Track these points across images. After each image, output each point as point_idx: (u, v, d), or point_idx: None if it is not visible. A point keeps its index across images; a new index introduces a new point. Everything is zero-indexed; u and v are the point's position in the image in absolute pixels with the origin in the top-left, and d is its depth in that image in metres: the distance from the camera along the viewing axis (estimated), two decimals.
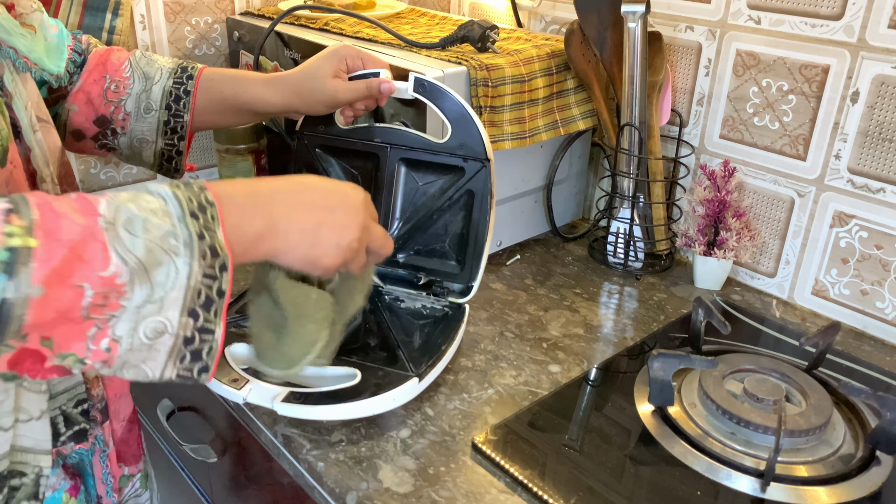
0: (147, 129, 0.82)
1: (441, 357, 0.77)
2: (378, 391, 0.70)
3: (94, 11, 1.07)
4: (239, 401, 0.70)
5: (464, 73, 0.92)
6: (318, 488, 0.70)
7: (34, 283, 0.45)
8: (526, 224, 1.12)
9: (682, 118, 1.06)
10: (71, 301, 0.47)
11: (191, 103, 0.82)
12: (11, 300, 0.45)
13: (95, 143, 0.82)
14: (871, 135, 0.88)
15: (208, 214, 0.54)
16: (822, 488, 0.66)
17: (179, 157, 0.85)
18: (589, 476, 0.68)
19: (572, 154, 1.13)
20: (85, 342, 0.49)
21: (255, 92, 0.82)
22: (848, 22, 0.87)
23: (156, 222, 0.51)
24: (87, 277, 0.47)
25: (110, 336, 0.50)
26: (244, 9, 1.30)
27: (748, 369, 0.78)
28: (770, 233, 1.01)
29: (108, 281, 0.48)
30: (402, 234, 0.88)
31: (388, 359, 0.77)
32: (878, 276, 0.91)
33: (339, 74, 0.81)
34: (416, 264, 0.88)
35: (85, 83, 0.79)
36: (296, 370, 0.64)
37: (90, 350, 0.50)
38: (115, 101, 0.80)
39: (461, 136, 0.82)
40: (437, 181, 0.86)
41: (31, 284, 0.45)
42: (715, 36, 1.00)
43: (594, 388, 0.82)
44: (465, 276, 0.85)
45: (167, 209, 0.52)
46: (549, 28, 1.21)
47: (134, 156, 0.84)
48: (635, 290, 1.02)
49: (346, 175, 0.91)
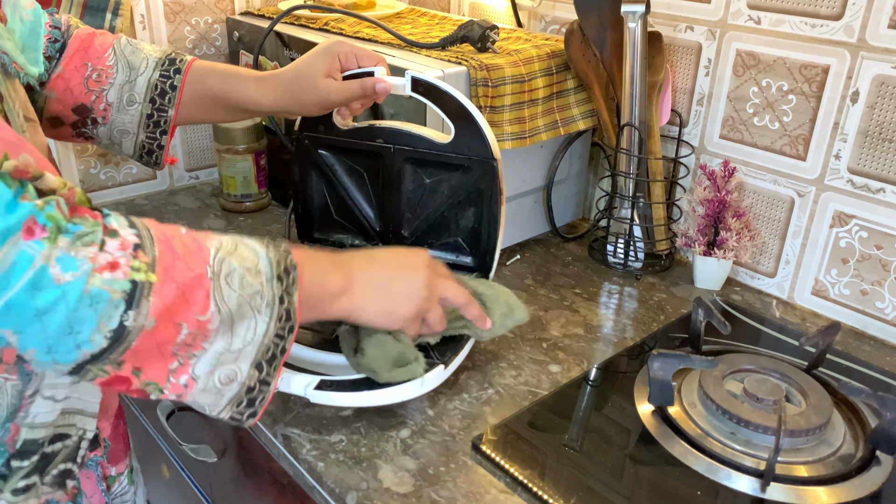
0: (129, 122, 0.80)
1: (464, 345, 0.79)
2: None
3: (94, 11, 1.07)
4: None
5: (464, 73, 0.92)
6: (318, 488, 0.70)
7: (150, 315, 0.50)
8: (526, 224, 1.12)
9: (682, 118, 1.06)
10: (169, 336, 0.52)
11: (176, 98, 0.80)
12: (129, 328, 0.49)
13: (73, 131, 0.79)
14: (871, 135, 0.88)
15: (290, 278, 0.58)
16: (822, 488, 0.66)
17: (161, 151, 0.83)
18: (589, 476, 0.68)
19: (572, 154, 1.13)
20: (167, 374, 0.54)
21: (246, 91, 0.80)
22: (848, 22, 0.87)
23: (249, 280, 0.55)
24: (188, 318, 0.52)
25: (189, 373, 0.54)
26: (244, 9, 1.30)
27: (748, 369, 0.78)
28: (770, 233, 1.01)
29: (203, 325, 0.53)
30: (414, 229, 0.88)
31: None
32: (878, 276, 0.91)
33: (333, 73, 0.79)
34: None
35: (65, 70, 0.76)
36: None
37: (170, 382, 0.54)
38: (97, 90, 0.78)
39: (465, 134, 0.82)
40: (444, 179, 0.86)
41: (147, 316, 0.50)
42: (715, 36, 1.00)
43: (594, 388, 0.82)
44: (480, 269, 0.87)
45: (259, 268, 0.57)
46: (549, 28, 1.21)
47: (113, 145, 0.82)
48: (635, 290, 1.02)
49: (352, 174, 0.91)
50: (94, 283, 0.47)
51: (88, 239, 0.48)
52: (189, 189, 1.33)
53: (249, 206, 1.23)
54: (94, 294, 0.47)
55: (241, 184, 1.21)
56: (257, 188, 1.22)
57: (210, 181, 1.36)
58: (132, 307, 0.49)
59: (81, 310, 0.47)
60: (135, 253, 0.50)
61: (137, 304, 0.49)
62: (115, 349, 0.49)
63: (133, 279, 0.49)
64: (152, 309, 0.50)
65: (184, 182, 1.34)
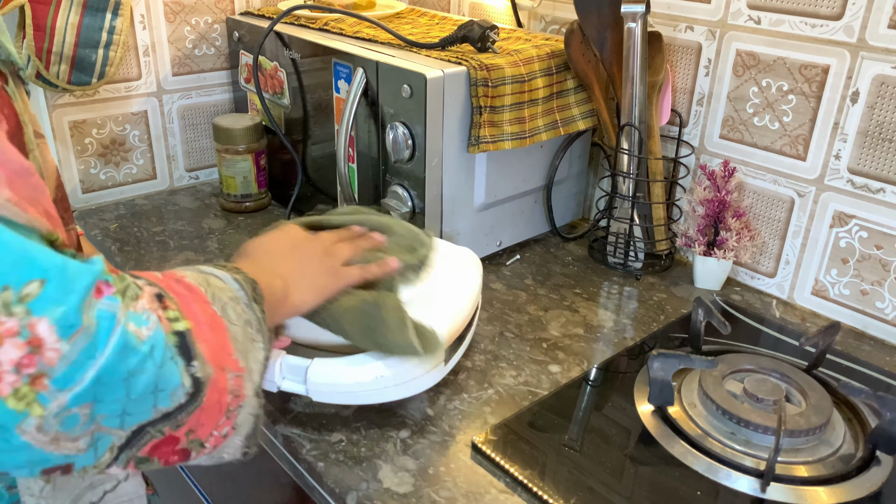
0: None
1: (462, 342, 0.79)
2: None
3: (93, 11, 1.06)
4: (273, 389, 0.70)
5: (464, 74, 0.92)
6: (318, 488, 0.70)
7: (207, 362, 0.46)
8: (526, 224, 1.12)
9: (682, 118, 1.06)
10: (223, 384, 0.47)
11: None
12: (202, 378, 0.45)
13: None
14: (871, 135, 0.88)
15: (259, 296, 0.55)
16: (822, 488, 0.66)
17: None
18: (589, 476, 0.68)
19: (572, 154, 1.13)
20: (212, 430, 0.49)
21: None
22: (848, 22, 0.87)
23: (238, 310, 0.51)
24: (226, 361, 0.48)
25: (232, 424, 0.50)
26: (244, 9, 1.30)
27: (748, 369, 0.78)
28: (770, 233, 1.01)
29: (235, 364, 0.49)
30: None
31: None
32: (877, 276, 0.91)
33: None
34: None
35: None
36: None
37: (212, 436, 0.49)
38: None
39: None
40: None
41: (206, 362, 0.46)
42: (715, 36, 1.00)
43: (594, 388, 0.82)
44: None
45: (237, 295, 0.53)
46: (549, 28, 1.21)
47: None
48: (635, 290, 1.02)
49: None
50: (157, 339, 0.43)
51: (132, 293, 0.44)
52: (189, 189, 1.33)
53: (249, 206, 1.23)
54: (170, 348, 0.44)
55: (241, 184, 1.21)
56: (257, 188, 1.22)
57: (210, 181, 1.36)
58: (193, 358, 0.45)
59: (166, 365, 0.43)
60: (163, 303, 0.45)
61: (194, 354, 0.45)
62: (191, 403, 0.45)
63: (176, 330, 0.45)
64: (206, 355, 0.46)
65: (184, 182, 1.34)
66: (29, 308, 0.38)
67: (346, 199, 1.04)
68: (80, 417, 0.41)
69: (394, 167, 0.98)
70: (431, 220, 0.97)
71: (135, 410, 0.43)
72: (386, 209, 0.99)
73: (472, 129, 0.94)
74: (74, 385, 0.39)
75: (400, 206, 0.97)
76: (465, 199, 1.00)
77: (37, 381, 0.38)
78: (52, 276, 0.39)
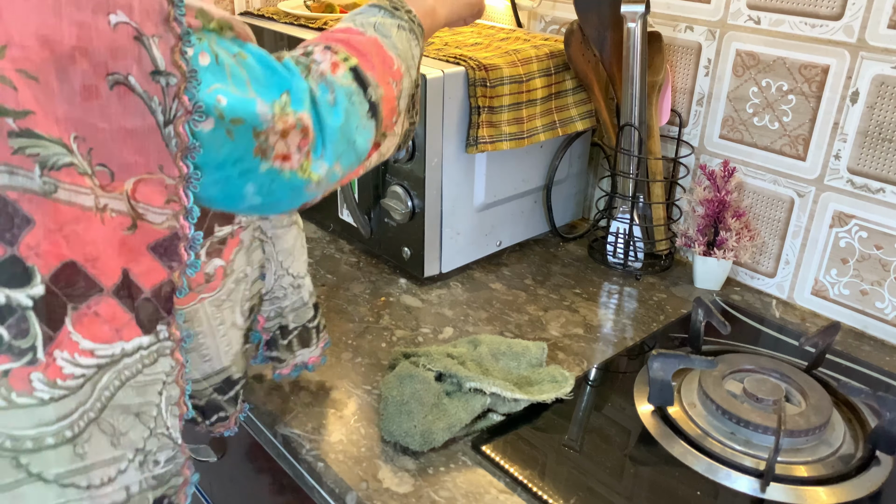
0: None
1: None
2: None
3: None
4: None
5: (462, 74, 0.92)
6: (318, 488, 0.70)
7: (380, 84, 0.58)
8: (526, 224, 1.12)
9: (682, 118, 1.06)
10: (392, 95, 0.60)
11: None
12: (375, 101, 0.57)
13: None
14: (871, 135, 0.88)
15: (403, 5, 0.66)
16: (821, 488, 0.66)
17: None
18: (589, 476, 0.68)
19: (572, 154, 1.13)
20: (392, 124, 0.63)
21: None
22: (848, 22, 0.87)
23: (388, 23, 0.62)
24: (390, 73, 0.59)
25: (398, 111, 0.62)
26: (244, 9, 1.30)
27: (748, 369, 0.78)
28: (770, 233, 1.01)
29: (397, 73, 0.60)
30: None
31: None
32: (877, 276, 0.91)
33: None
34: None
35: None
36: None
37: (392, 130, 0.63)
38: None
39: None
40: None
41: (378, 86, 0.57)
42: (715, 36, 1.00)
43: (594, 388, 0.82)
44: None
45: (381, 18, 0.62)
46: (549, 28, 1.21)
47: None
48: (635, 290, 1.02)
49: None
50: (344, 83, 0.55)
51: (317, 68, 0.55)
52: None
53: None
54: (349, 92, 0.56)
55: None
56: None
57: None
58: (367, 86, 0.57)
59: (360, 104, 0.56)
60: (333, 48, 0.56)
61: (366, 81, 0.57)
62: (377, 125, 0.59)
63: (351, 66, 0.56)
64: (377, 79, 0.57)
65: None
66: (294, 109, 0.51)
67: (346, 199, 1.04)
68: (336, 174, 0.56)
69: (394, 167, 0.98)
70: (431, 220, 0.97)
71: (353, 152, 0.57)
72: (386, 209, 0.99)
73: (471, 130, 0.94)
74: (324, 151, 0.54)
75: (400, 206, 0.97)
76: (465, 199, 1.00)
77: (308, 155, 0.53)
78: (288, 80, 0.52)
